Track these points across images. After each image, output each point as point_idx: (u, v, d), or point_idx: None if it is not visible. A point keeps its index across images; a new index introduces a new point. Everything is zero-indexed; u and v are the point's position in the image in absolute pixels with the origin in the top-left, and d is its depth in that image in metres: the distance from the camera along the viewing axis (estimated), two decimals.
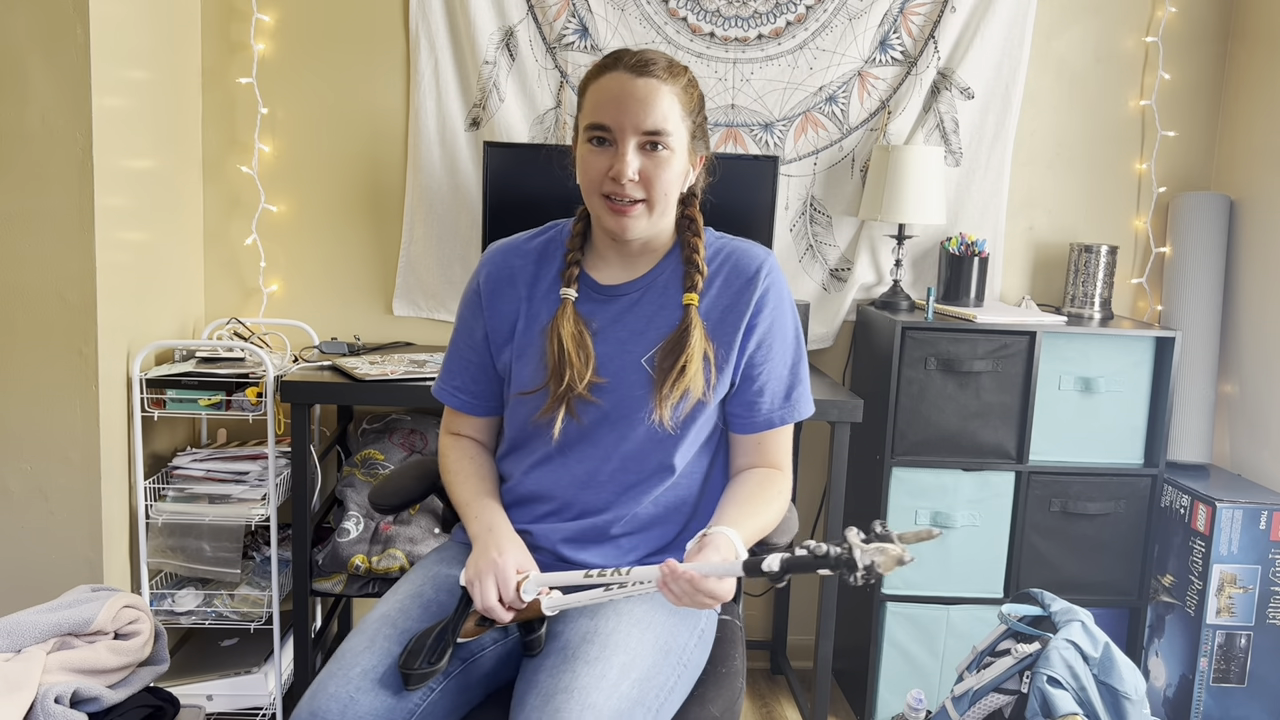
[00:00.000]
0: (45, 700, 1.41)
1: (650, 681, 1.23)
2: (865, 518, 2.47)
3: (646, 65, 1.31)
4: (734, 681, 1.41)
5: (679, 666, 1.30)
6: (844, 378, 2.70)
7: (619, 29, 2.51)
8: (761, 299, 1.38)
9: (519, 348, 1.41)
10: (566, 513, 1.40)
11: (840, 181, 2.62)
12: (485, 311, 1.44)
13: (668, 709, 1.26)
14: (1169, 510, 2.45)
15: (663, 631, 1.30)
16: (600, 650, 1.22)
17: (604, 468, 1.38)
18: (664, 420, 1.34)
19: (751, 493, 1.38)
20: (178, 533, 2.22)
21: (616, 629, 1.26)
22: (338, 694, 1.19)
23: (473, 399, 1.47)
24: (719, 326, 1.38)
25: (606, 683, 1.17)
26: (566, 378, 1.34)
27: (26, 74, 1.94)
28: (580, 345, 1.36)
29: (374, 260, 2.59)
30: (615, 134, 1.31)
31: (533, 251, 1.44)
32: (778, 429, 1.42)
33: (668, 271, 1.41)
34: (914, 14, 2.55)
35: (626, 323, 1.39)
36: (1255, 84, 2.56)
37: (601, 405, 1.36)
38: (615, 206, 1.32)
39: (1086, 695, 1.74)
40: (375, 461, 2.38)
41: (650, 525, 1.41)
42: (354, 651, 1.24)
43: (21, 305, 2.00)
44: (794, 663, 2.76)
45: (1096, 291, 2.53)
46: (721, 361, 1.37)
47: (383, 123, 2.54)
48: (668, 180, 1.33)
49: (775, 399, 1.41)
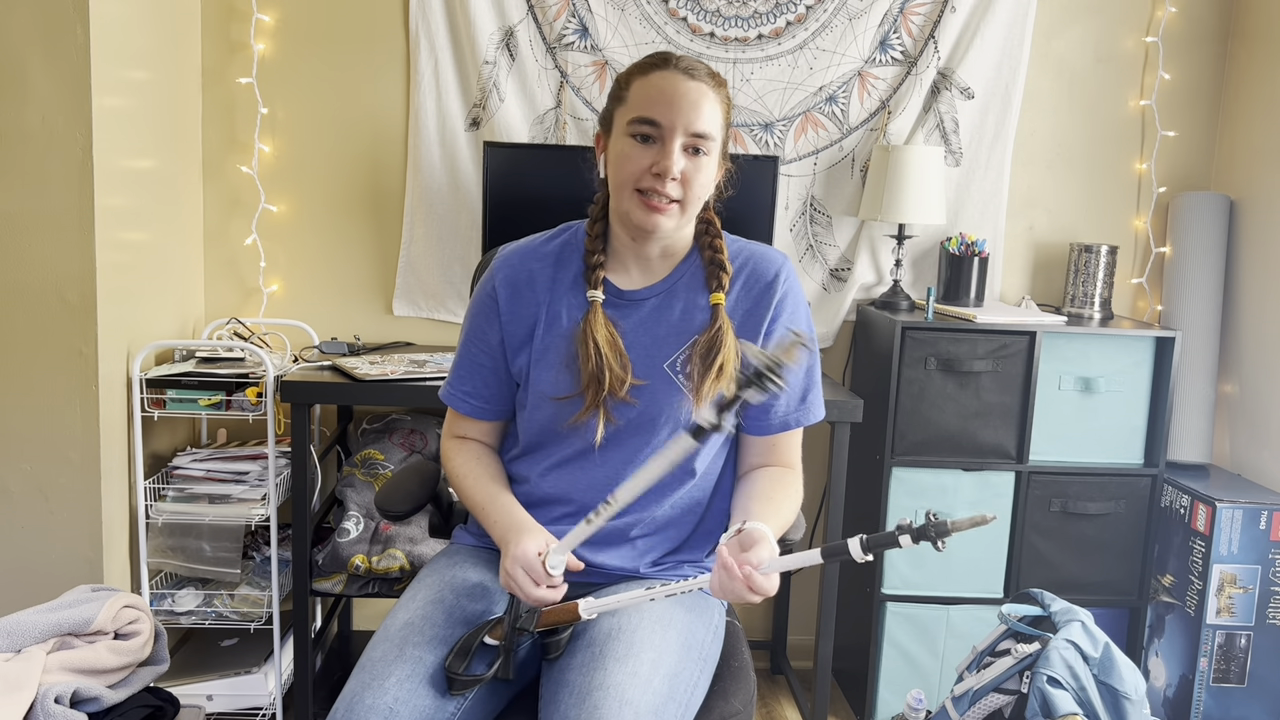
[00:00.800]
0: (45, 700, 1.41)
1: (678, 677, 1.24)
2: (865, 518, 2.47)
3: (695, 70, 1.34)
4: (748, 675, 1.43)
5: (700, 661, 1.32)
6: (844, 378, 2.70)
7: (619, 29, 2.51)
8: (780, 303, 1.40)
9: (538, 351, 1.40)
10: (585, 515, 1.40)
11: (840, 181, 2.62)
12: (502, 316, 1.42)
13: (694, 703, 1.28)
14: (1169, 510, 2.45)
15: (683, 628, 1.31)
16: (628, 648, 1.23)
17: (626, 472, 1.38)
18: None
19: (772, 490, 1.39)
20: (178, 533, 2.22)
21: (640, 626, 1.26)
22: (376, 705, 1.17)
23: (484, 404, 1.47)
24: (740, 329, 1.39)
25: (639, 679, 1.18)
26: (606, 381, 1.35)
27: (26, 74, 1.94)
28: (615, 348, 1.36)
29: (374, 260, 2.59)
30: (665, 131, 1.31)
31: (550, 255, 1.44)
32: (791, 430, 1.44)
33: (687, 275, 1.42)
34: (914, 14, 2.55)
35: (649, 328, 1.39)
36: (1255, 84, 2.56)
37: (635, 407, 1.37)
38: (651, 203, 1.33)
39: (1086, 695, 1.74)
40: (375, 461, 2.38)
41: (666, 526, 1.42)
42: (385, 661, 1.23)
43: (21, 305, 2.00)
44: (794, 663, 2.76)
45: (1096, 291, 2.53)
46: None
47: (383, 123, 2.54)
48: (703, 184, 1.35)
49: (791, 401, 1.42)
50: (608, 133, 1.39)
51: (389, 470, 2.36)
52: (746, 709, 1.38)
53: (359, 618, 2.77)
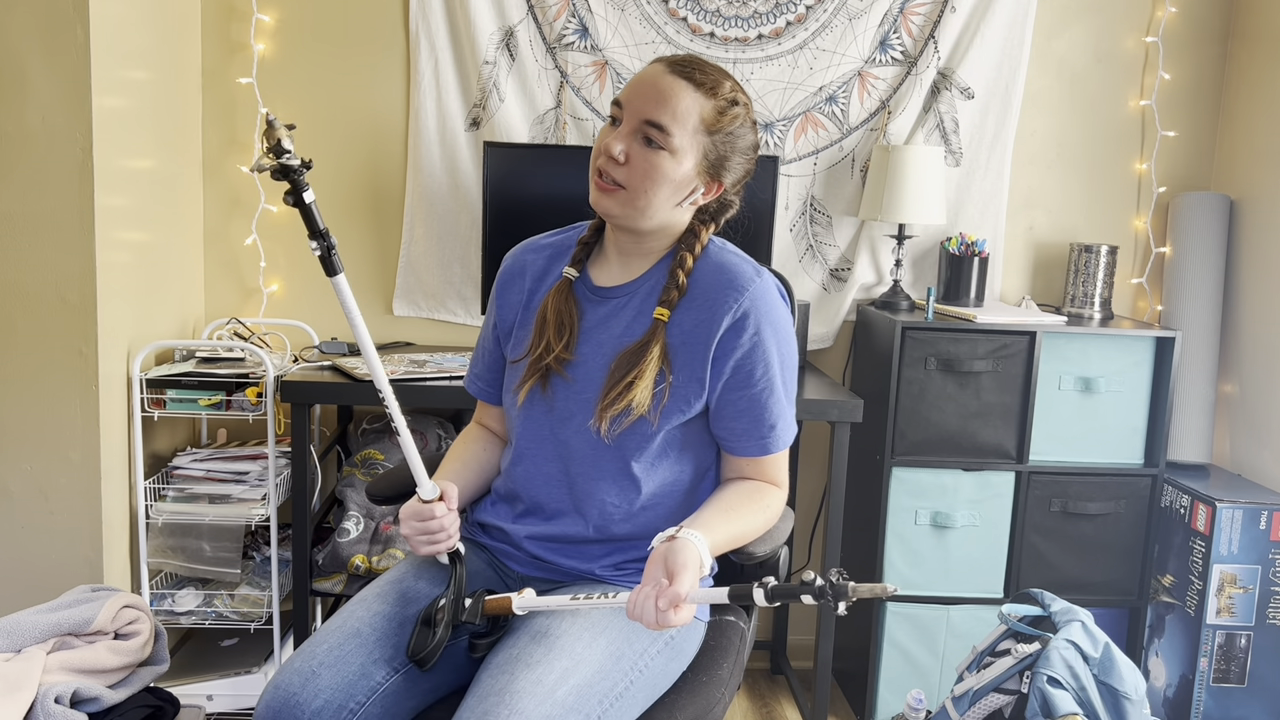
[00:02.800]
0: (45, 700, 1.41)
1: (592, 688, 1.21)
2: (865, 518, 2.47)
3: (684, 65, 1.31)
4: (712, 691, 1.36)
5: (632, 673, 1.27)
6: (844, 378, 2.70)
7: (619, 29, 2.51)
8: (738, 324, 1.32)
9: (517, 336, 1.43)
10: (539, 514, 1.41)
11: (840, 181, 2.62)
12: (497, 303, 1.47)
13: (613, 715, 1.23)
14: (1169, 510, 2.45)
15: (616, 636, 1.27)
16: (545, 653, 1.21)
17: (560, 467, 1.38)
18: (601, 429, 1.32)
19: (735, 501, 1.35)
20: (178, 533, 2.22)
21: (567, 631, 1.24)
22: (301, 668, 1.22)
23: (489, 386, 1.51)
24: (688, 347, 1.33)
25: (541, 689, 1.16)
26: (541, 346, 1.36)
27: (26, 74, 1.94)
28: (563, 320, 1.37)
29: (374, 260, 2.59)
30: (625, 114, 1.31)
31: (548, 247, 1.47)
32: (767, 455, 1.39)
33: (653, 280, 1.38)
34: (914, 14, 2.55)
35: (609, 326, 1.38)
36: (1255, 84, 2.56)
37: (570, 386, 1.36)
38: (599, 182, 1.33)
39: (1086, 695, 1.74)
40: (375, 461, 2.38)
41: (626, 539, 1.39)
42: (325, 630, 1.28)
43: (21, 305, 2.00)
44: (794, 663, 2.76)
45: (1096, 291, 2.53)
46: (685, 383, 1.33)
47: (383, 123, 2.54)
48: (653, 179, 1.29)
49: (758, 427, 1.36)
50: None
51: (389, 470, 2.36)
52: None
53: None
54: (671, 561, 1.17)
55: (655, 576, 1.17)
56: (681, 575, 1.15)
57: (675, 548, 1.19)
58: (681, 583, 1.15)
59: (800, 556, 2.76)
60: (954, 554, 2.39)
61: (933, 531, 2.38)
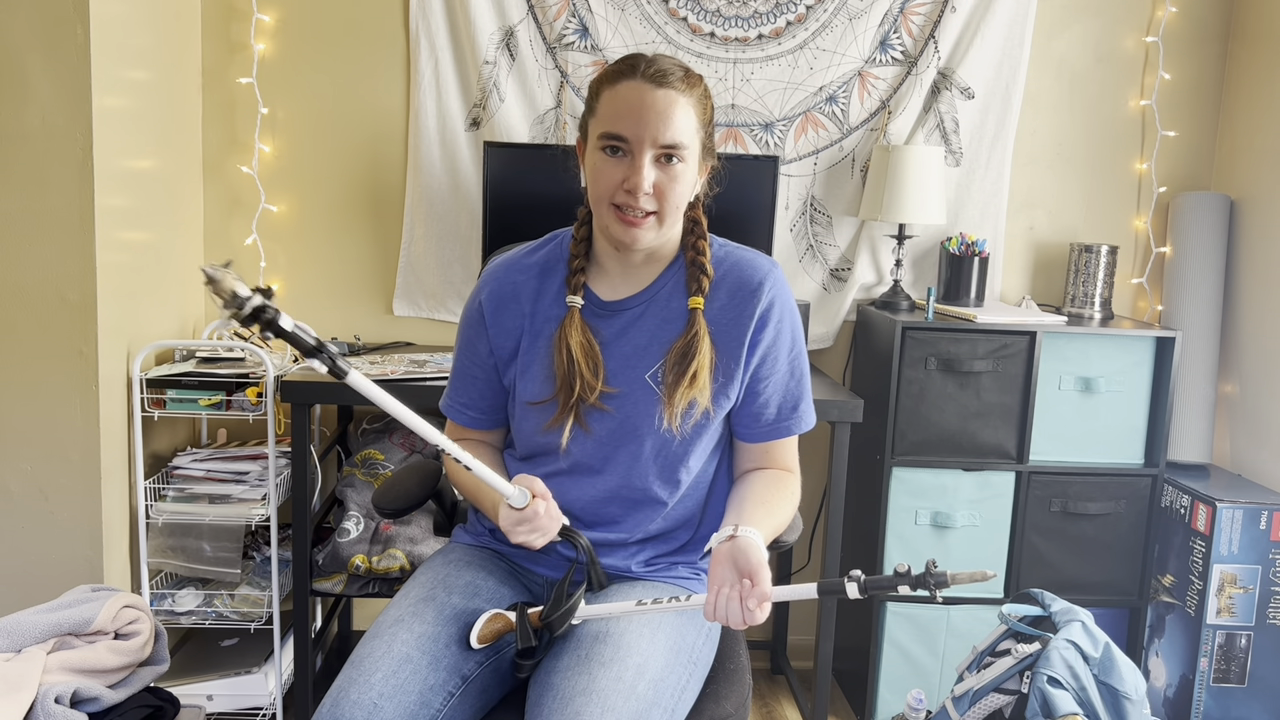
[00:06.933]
0: (45, 700, 1.41)
1: (664, 682, 1.24)
2: (865, 518, 2.47)
3: (665, 76, 1.28)
4: (743, 677, 1.42)
5: (690, 665, 1.31)
6: (844, 378, 2.70)
7: (619, 29, 2.51)
8: (765, 313, 1.36)
9: (523, 364, 1.40)
10: (578, 526, 1.41)
11: (840, 181, 2.62)
12: (489, 329, 1.42)
13: (682, 707, 1.27)
14: (1169, 510, 2.45)
15: (672, 631, 1.30)
16: (614, 652, 1.22)
17: (611, 484, 1.38)
18: (674, 428, 1.34)
19: (768, 494, 1.37)
20: (178, 533, 2.22)
21: (628, 630, 1.26)
22: (360, 700, 1.18)
23: (480, 414, 1.47)
24: (722, 337, 1.36)
25: (623, 685, 1.18)
26: (577, 388, 1.34)
27: (26, 74, 1.94)
28: (589, 354, 1.35)
29: (374, 260, 2.59)
30: (632, 146, 1.28)
31: (534, 266, 1.42)
32: (784, 438, 1.43)
33: (670, 283, 1.39)
34: (914, 14, 2.55)
35: (630, 337, 1.37)
36: (1255, 84, 2.56)
37: (613, 415, 1.36)
38: (626, 218, 1.30)
39: (1087, 695, 1.74)
40: (375, 461, 2.38)
41: (659, 535, 1.42)
42: (373, 657, 1.23)
43: (21, 305, 2.00)
44: (794, 663, 2.76)
45: (1097, 291, 2.53)
46: (725, 373, 1.37)
47: (383, 123, 2.54)
48: (680, 193, 1.31)
49: (781, 411, 1.41)
50: (585, 141, 1.36)
51: (389, 470, 2.36)
52: (740, 711, 1.37)
53: (359, 618, 2.77)
54: (744, 562, 1.20)
55: (728, 577, 1.20)
56: (760, 574, 1.18)
57: (742, 547, 1.22)
58: (765, 582, 1.18)
59: (800, 556, 2.76)
60: (954, 554, 2.39)
61: (933, 531, 2.38)
